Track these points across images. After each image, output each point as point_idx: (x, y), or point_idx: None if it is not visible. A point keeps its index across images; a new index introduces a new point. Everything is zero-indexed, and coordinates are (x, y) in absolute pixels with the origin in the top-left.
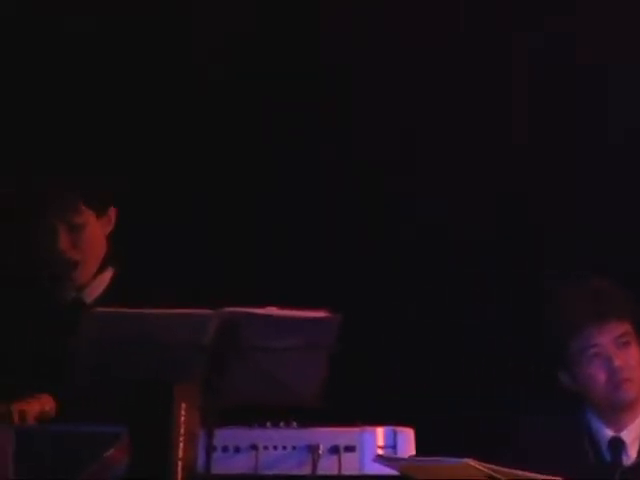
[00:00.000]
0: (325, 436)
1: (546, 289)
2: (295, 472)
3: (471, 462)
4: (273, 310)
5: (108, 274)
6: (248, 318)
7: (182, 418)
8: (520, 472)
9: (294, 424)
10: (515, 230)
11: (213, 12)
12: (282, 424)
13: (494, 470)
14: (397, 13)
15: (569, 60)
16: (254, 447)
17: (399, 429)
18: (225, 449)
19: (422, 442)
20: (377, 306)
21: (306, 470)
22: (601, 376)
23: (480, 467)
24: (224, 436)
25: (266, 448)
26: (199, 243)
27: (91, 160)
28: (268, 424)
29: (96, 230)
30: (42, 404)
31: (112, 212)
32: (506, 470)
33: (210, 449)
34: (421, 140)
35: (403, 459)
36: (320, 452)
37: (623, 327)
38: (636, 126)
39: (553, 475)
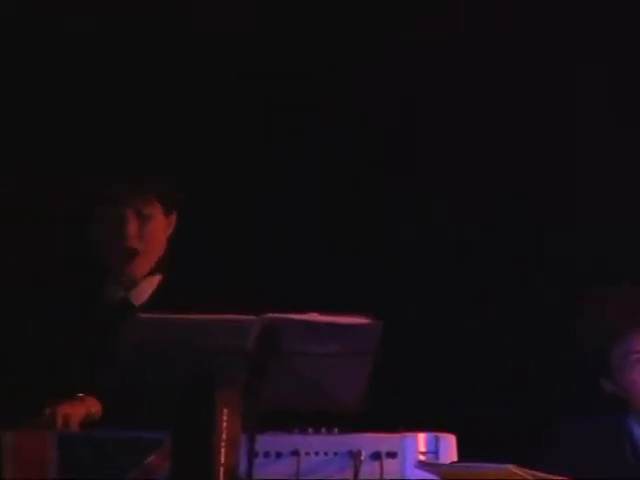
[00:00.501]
0: (367, 442)
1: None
2: (337, 478)
3: (512, 468)
4: (315, 316)
5: (157, 278)
6: (290, 324)
7: (224, 424)
8: (561, 478)
9: (336, 430)
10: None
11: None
12: (324, 430)
13: (535, 476)
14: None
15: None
16: (296, 453)
17: (441, 435)
18: (267, 455)
19: (461, 446)
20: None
21: (348, 476)
22: None
23: (522, 473)
24: (266, 442)
25: (307, 454)
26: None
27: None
28: (310, 430)
29: (161, 226)
30: (88, 407)
31: (174, 216)
32: (547, 476)
33: (252, 455)
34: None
35: (445, 465)
36: (362, 458)
37: None
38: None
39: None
